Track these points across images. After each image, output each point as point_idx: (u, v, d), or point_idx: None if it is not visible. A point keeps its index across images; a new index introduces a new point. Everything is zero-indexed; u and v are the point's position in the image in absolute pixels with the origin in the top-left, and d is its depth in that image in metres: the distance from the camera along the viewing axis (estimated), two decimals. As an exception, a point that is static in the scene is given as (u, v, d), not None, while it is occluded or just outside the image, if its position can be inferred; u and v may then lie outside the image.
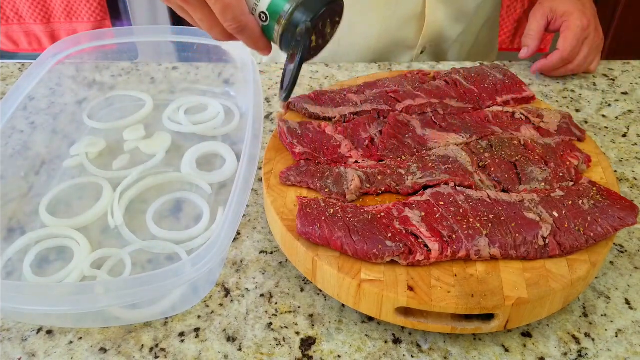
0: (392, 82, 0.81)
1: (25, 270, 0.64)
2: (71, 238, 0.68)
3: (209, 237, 0.68)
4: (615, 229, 0.60)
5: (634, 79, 0.99)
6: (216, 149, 0.81)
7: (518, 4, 1.90)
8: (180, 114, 0.86)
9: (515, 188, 0.65)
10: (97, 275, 0.63)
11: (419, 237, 0.58)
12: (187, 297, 0.61)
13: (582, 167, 0.69)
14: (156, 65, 0.98)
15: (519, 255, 0.58)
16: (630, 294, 0.63)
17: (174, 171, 0.78)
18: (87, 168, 0.77)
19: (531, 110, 0.77)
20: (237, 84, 0.92)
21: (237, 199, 0.59)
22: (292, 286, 0.64)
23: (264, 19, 0.58)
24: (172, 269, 0.53)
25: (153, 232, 0.69)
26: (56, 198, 0.73)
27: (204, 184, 0.75)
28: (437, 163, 0.67)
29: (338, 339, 0.59)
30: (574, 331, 0.60)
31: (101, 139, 0.82)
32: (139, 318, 0.59)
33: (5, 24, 1.90)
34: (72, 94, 0.89)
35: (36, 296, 0.52)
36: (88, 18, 1.89)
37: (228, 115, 0.87)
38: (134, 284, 0.52)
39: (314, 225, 0.59)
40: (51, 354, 0.57)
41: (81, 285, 0.57)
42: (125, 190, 0.74)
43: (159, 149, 0.80)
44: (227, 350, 0.58)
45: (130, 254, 0.65)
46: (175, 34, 0.85)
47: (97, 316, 0.59)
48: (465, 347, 0.58)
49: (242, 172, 0.61)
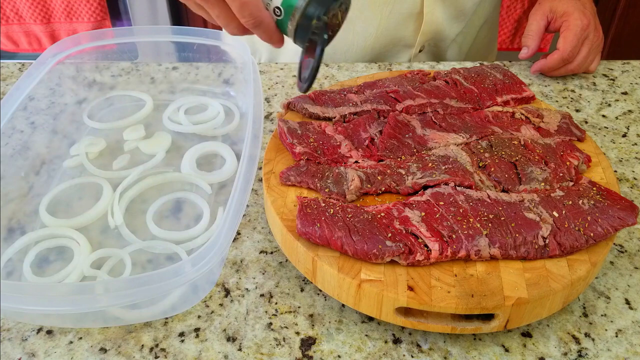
0: (392, 82, 0.81)
1: (25, 270, 0.64)
2: (71, 238, 0.68)
3: (209, 237, 0.68)
4: (615, 229, 0.60)
5: (634, 79, 0.99)
6: (216, 149, 0.81)
7: (518, 4, 1.90)
8: (180, 114, 0.86)
9: (515, 188, 0.65)
10: (97, 275, 0.63)
11: (419, 237, 0.58)
12: (187, 297, 0.61)
13: (582, 167, 0.69)
14: (156, 65, 0.98)
15: (519, 255, 0.58)
16: (630, 294, 0.63)
17: (174, 171, 0.78)
18: (87, 168, 0.77)
19: (531, 110, 0.77)
20: (237, 84, 0.92)
21: (237, 199, 0.59)
22: (292, 286, 0.64)
23: (278, 14, 0.61)
24: (172, 269, 0.53)
25: (153, 232, 0.69)
26: (56, 198, 0.73)
27: (204, 184, 0.75)
28: (437, 163, 0.67)
29: (338, 339, 0.59)
30: (574, 331, 0.60)
31: (101, 139, 0.82)
32: (139, 318, 0.59)
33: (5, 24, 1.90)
34: (72, 94, 0.89)
35: (36, 296, 0.52)
36: (88, 18, 1.89)
37: (228, 115, 0.87)
38: (134, 284, 0.52)
39: (314, 225, 0.59)
40: (51, 354, 0.57)
41: (81, 285, 0.57)
42: (125, 190, 0.74)
43: (159, 149, 0.80)
44: (227, 350, 0.58)
45: (130, 254, 0.65)
46: (175, 34, 0.85)
47: (97, 316, 0.59)
48: (465, 347, 0.58)
49: (242, 172, 0.61)
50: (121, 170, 0.77)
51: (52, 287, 0.56)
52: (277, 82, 0.97)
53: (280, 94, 0.94)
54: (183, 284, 0.54)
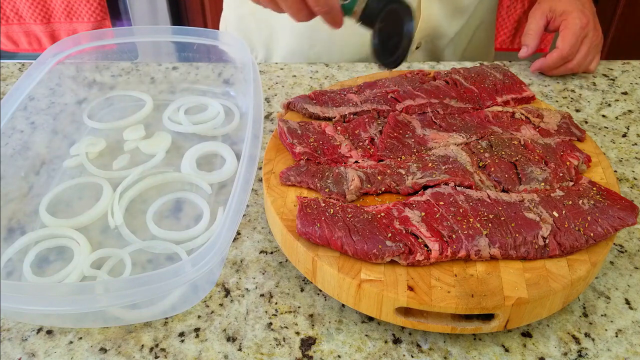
0: (392, 82, 0.81)
1: (25, 270, 0.64)
2: (71, 238, 0.68)
3: (209, 237, 0.68)
4: (615, 229, 0.60)
5: (633, 79, 0.99)
6: (216, 149, 0.81)
7: (518, 4, 1.90)
8: (180, 114, 0.86)
9: (515, 188, 0.65)
10: (97, 276, 0.63)
11: (419, 237, 0.58)
12: (187, 297, 0.61)
13: (582, 167, 0.69)
14: (156, 65, 0.98)
15: (519, 255, 0.58)
16: (630, 294, 0.63)
17: (174, 171, 0.77)
18: (87, 168, 0.77)
19: (531, 110, 0.77)
20: (237, 84, 0.92)
21: (237, 199, 0.59)
22: (292, 286, 0.64)
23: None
24: (172, 269, 0.53)
25: (153, 232, 0.69)
26: (56, 198, 0.73)
27: (204, 184, 0.75)
28: (437, 163, 0.67)
29: (338, 339, 0.59)
30: (574, 331, 0.60)
31: (101, 139, 0.82)
32: (138, 318, 0.59)
33: (5, 24, 1.90)
34: (72, 94, 0.89)
35: (36, 296, 0.52)
36: (88, 18, 1.89)
37: (228, 115, 0.87)
38: (134, 284, 0.52)
39: (314, 225, 0.59)
40: (51, 354, 0.57)
41: (81, 285, 0.57)
42: (125, 190, 0.74)
43: (159, 149, 0.80)
44: (227, 350, 0.58)
45: (130, 254, 0.65)
46: (175, 34, 0.85)
47: (97, 316, 0.59)
48: (465, 347, 0.58)
49: (242, 172, 0.61)
50: (121, 170, 0.77)
51: (52, 287, 0.56)
52: (277, 82, 0.97)
53: (280, 94, 0.94)
54: (183, 284, 0.54)
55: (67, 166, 0.78)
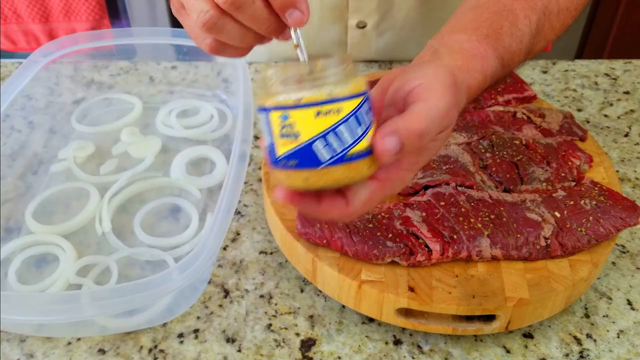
0: (393, 81, 0.81)
1: (10, 278, 0.62)
2: (57, 245, 0.66)
3: (197, 243, 0.66)
4: (617, 229, 0.60)
5: (635, 79, 0.98)
6: (206, 153, 0.79)
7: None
8: (172, 117, 0.83)
9: (517, 188, 0.65)
10: (83, 283, 0.61)
11: (420, 237, 0.58)
12: (178, 303, 0.60)
13: (584, 167, 0.68)
14: (155, 64, 0.97)
15: (521, 255, 0.58)
16: (632, 294, 0.63)
17: (163, 176, 0.75)
18: (74, 173, 0.75)
19: (533, 109, 0.77)
20: (230, 87, 0.90)
21: (224, 205, 0.58)
22: (291, 287, 0.64)
23: None
24: (159, 277, 0.52)
25: (141, 238, 0.67)
26: (42, 204, 0.71)
27: (194, 189, 0.73)
28: (438, 163, 0.66)
29: (338, 340, 0.58)
30: (575, 332, 0.59)
31: (90, 142, 0.79)
32: (124, 327, 0.58)
33: (4, 23, 1.89)
34: (68, 94, 0.88)
35: (20, 306, 0.51)
36: (86, 17, 1.88)
37: (222, 118, 0.85)
38: (120, 292, 0.51)
39: (314, 226, 0.58)
40: (49, 355, 0.57)
41: (66, 295, 0.56)
42: (114, 195, 0.72)
43: (148, 153, 0.78)
44: (227, 352, 0.57)
45: (117, 261, 0.64)
46: (174, 36, 0.84)
47: (83, 325, 0.58)
48: (466, 348, 0.58)
49: (230, 177, 0.60)
50: (109, 175, 0.75)
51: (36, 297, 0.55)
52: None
53: (280, 93, 0.93)
54: (170, 292, 0.53)
55: (54, 171, 0.76)
